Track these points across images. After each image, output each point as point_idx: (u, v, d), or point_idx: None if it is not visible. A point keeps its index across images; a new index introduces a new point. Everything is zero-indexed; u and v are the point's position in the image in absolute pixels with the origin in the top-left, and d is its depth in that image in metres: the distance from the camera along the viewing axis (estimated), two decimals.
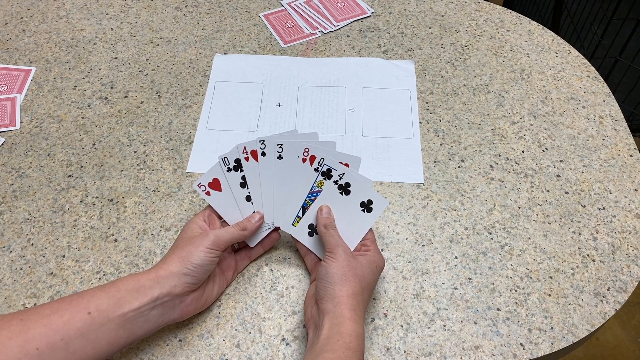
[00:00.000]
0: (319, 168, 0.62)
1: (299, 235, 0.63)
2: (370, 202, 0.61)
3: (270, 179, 0.63)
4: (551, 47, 0.92)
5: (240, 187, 0.63)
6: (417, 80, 0.86)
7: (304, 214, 0.62)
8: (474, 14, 0.98)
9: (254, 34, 0.94)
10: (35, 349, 0.47)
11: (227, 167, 0.63)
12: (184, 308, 0.56)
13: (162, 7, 0.98)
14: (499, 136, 0.79)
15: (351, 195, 0.61)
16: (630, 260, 0.66)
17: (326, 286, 0.54)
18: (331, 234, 0.59)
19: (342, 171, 0.61)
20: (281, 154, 0.62)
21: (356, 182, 0.61)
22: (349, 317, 0.52)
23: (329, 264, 0.56)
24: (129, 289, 0.52)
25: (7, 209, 0.70)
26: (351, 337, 0.50)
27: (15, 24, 0.95)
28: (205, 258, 0.56)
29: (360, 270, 0.56)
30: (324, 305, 0.54)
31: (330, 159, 0.61)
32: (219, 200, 0.63)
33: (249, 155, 0.63)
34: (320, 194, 0.62)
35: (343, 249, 0.57)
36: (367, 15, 0.97)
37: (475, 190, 0.73)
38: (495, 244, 0.67)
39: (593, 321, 0.61)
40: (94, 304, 0.51)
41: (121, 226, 0.69)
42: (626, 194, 0.72)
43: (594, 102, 0.83)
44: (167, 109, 0.82)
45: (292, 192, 0.63)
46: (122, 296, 0.52)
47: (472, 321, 0.61)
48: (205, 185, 0.63)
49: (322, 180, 0.62)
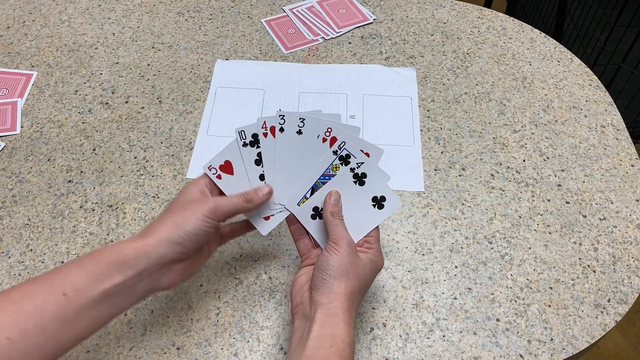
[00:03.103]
0: (338, 151, 0.58)
1: (302, 216, 0.59)
2: (383, 198, 0.58)
3: (285, 156, 0.59)
4: (553, 55, 0.92)
5: (255, 165, 0.59)
6: (418, 87, 0.86)
7: (312, 195, 0.59)
8: (476, 22, 0.97)
9: (255, 40, 0.94)
10: (6, 338, 0.42)
11: (243, 142, 0.59)
12: (173, 277, 0.52)
13: (164, 12, 0.98)
14: (500, 145, 0.78)
15: (365, 187, 0.58)
16: (631, 272, 0.66)
17: (324, 278, 0.52)
18: (337, 224, 0.55)
19: (361, 160, 0.57)
20: (301, 129, 0.59)
21: (374, 174, 0.58)
22: (343, 319, 0.50)
23: (332, 255, 0.53)
24: (111, 262, 0.47)
25: (6, 213, 0.70)
26: (344, 343, 0.49)
27: (17, 28, 0.95)
28: (201, 227, 0.51)
29: (362, 269, 0.53)
30: (318, 297, 0.51)
31: (351, 144, 0.58)
32: (230, 185, 0.59)
33: (267, 131, 0.59)
34: (333, 178, 0.58)
35: (348, 242, 0.54)
36: (369, 22, 0.97)
37: (476, 199, 0.72)
38: (495, 254, 0.67)
39: (593, 333, 0.61)
40: (70, 283, 0.45)
41: (120, 232, 0.69)
42: (627, 204, 0.72)
43: (595, 111, 0.83)
44: (168, 115, 0.82)
45: (304, 170, 0.59)
46: (103, 271, 0.47)
47: (472, 332, 0.61)
48: (217, 168, 0.59)
49: (338, 165, 0.58)
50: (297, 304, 0.54)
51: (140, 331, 0.60)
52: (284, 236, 0.68)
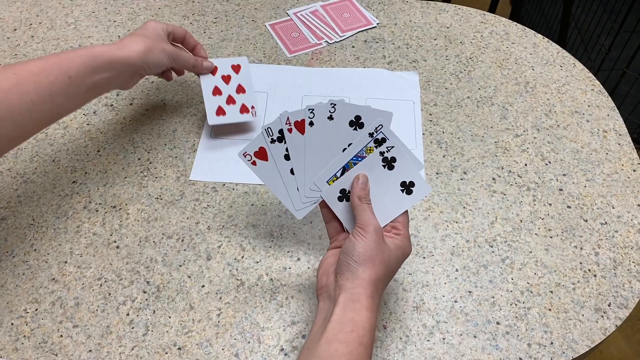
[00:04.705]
0: (374, 134, 0.58)
1: (329, 198, 0.59)
2: (412, 184, 0.58)
3: (316, 146, 0.59)
4: (556, 60, 0.92)
5: (285, 160, 0.60)
6: (421, 91, 0.86)
7: (342, 175, 0.58)
8: (479, 26, 0.98)
9: (259, 44, 0.94)
10: (30, 100, 0.58)
11: (271, 138, 0.59)
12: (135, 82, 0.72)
13: (169, 16, 0.99)
14: (502, 149, 0.79)
15: (394, 171, 0.58)
16: (631, 276, 0.66)
17: (349, 263, 0.52)
18: (364, 208, 0.55)
19: (392, 144, 0.57)
20: (332, 115, 0.59)
21: (404, 159, 0.57)
22: (366, 306, 0.50)
23: (358, 240, 0.53)
24: (104, 61, 0.64)
25: (11, 214, 0.71)
26: (365, 329, 0.49)
27: (24, 30, 0.96)
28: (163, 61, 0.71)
29: (388, 256, 0.53)
30: (343, 281, 0.52)
31: (387, 128, 0.58)
32: (266, 171, 0.60)
33: (292, 127, 0.59)
34: (363, 160, 0.58)
35: (375, 228, 0.54)
36: (372, 26, 0.97)
37: (477, 202, 0.73)
38: (496, 257, 0.67)
39: (593, 337, 0.61)
40: (74, 69, 0.61)
41: (123, 233, 0.69)
42: (629, 209, 0.72)
43: (598, 116, 0.83)
44: (172, 117, 0.83)
45: (337, 151, 0.59)
46: (97, 66, 0.63)
47: (472, 335, 0.61)
48: (251, 154, 0.60)
49: (372, 147, 0.58)
50: (322, 286, 0.55)
51: (142, 331, 0.61)
52: (285, 238, 0.69)
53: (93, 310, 0.63)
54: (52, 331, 0.61)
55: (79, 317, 0.62)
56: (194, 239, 0.69)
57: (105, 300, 0.63)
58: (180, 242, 0.68)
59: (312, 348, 0.49)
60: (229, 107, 0.77)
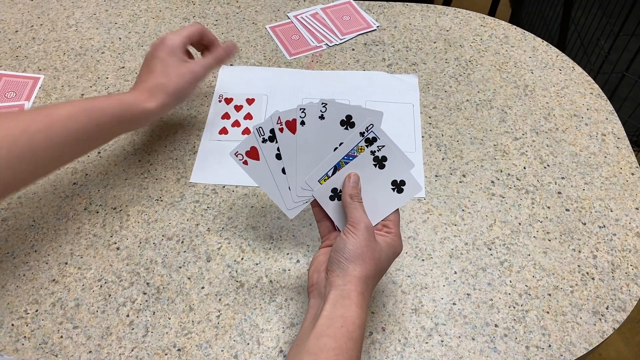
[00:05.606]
0: (365, 133, 0.58)
1: (320, 197, 0.59)
2: (403, 182, 0.58)
3: (308, 145, 0.60)
4: (555, 63, 0.92)
5: (276, 159, 0.60)
6: (420, 94, 0.87)
7: (334, 174, 0.59)
8: (479, 30, 0.98)
9: (260, 46, 0.95)
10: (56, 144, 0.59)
11: (262, 138, 0.60)
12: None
13: (170, 18, 0.99)
14: (501, 152, 0.79)
15: (385, 170, 0.58)
16: (629, 279, 0.66)
17: (340, 261, 0.53)
18: (356, 207, 0.56)
19: (383, 143, 0.58)
20: (323, 114, 0.59)
21: (395, 158, 0.58)
22: (356, 302, 0.51)
23: (349, 238, 0.53)
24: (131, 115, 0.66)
25: (12, 215, 0.71)
26: (355, 325, 0.50)
27: (25, 32, 0.96)
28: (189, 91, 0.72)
29: (378, 254, 0.54)
30: (333, 278, 0.52)
31: (378, 127, 0.58)
32: (257, 170, 0.61)
33: (283, 126, 0.59)
34: (354, 160, 0.58)
35: (366, 225, 0.54)
36: (372, 29, 0.98)
37: (476, 205, 0.73)
38: (494, 260, 0.68)
39: (591, 340, 0.61)
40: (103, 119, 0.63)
41: (124, 234, 0.69)
42: (627, 212, 0.72)
43: (596, 119, 0.84)
44: (172, 119, 0.83)
45: (328, 150, 0.59)
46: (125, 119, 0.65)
47: (470, 337, 0.61)
48: (243, 154, 0.60)
49: (363, 147, 0.58)
50: (313, 283, 0.55)
51: (141, 332, 0.61)
52: (285, 240, 0.69)
53: (93, 312, 0.63)
54: (53, 332, 0.61)
55: (79, 318, 0.62)
56: (193, 240, 0.69)
57: (105, 302, 0.64)
58: (180, 243, 0.69)
59: (302, 344, 0.50)
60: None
